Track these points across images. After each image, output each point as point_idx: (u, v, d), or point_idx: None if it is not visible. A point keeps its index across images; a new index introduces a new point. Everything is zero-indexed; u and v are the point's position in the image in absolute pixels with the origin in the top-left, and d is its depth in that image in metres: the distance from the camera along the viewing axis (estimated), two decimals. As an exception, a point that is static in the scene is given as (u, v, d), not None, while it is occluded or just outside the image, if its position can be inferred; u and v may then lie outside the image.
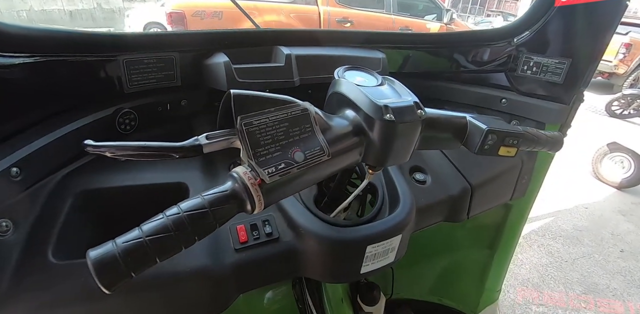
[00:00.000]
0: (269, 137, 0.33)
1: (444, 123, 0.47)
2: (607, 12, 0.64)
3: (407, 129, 0.40)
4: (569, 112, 0.72)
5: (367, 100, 0.39)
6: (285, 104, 0.35)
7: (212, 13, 3.51)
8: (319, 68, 0.65)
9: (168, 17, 3.45)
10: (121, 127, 0.58)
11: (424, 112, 0.40)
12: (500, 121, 0.49)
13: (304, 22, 3.79)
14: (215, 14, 3.53)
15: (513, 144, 0.45)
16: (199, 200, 0.32)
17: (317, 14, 3.85)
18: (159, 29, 6.08)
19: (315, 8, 3.86)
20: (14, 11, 7.87)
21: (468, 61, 0.82)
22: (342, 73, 0.46)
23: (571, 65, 0.69)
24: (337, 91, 0.43)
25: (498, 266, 1.05)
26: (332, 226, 0.51)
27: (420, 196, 0.63)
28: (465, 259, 1.05)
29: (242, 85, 0.59)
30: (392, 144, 0.40)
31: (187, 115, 0.66)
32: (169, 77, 0.61)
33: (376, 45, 0.76)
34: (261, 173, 0.32)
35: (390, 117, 0.38)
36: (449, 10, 4.57)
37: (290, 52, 0.62)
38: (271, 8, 3.75)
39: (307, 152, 0.35)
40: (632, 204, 2.68)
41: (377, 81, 0.46)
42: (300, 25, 3.78)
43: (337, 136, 0.38)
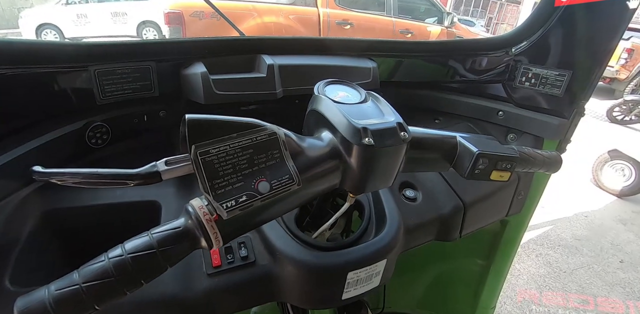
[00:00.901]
0: (229, 166, 0.30)
1: (431, 144, 0.43)
2: (610, 22, 0.60)
3: (388, 153, 0.36)
4: (569, 126, 0.69)
5: (345, 121, 0.35)
6: (250, 128, 0.31)
7: (210, 14, 3.47)
8: (305, 79, 0.61)
9: (165, 17, 3.41)
10: (92, 141, 0.55)
11: (408, 135, 0.37)
12: (494, 142, 0.45)
13: (303, 24, 3.76)
14: (214, 15, 3.50)
15: (506, 168, 0.42)
16: (146, 239, 0.28)
17: (316, 15, 3.82)
18: (53, 31, 5.89)
19: (315, 10, 3.82)
20: None
21: (464, 71, 0.79)
22: (322, 88, 0.42)
23: (572, 77, 0.65)
24: (315, 109, 0.40)
25: (493, 280, 1.01)
26: (313, 248, 0.48)
27: (410, 215, 0.59)
28: (458, 272, 1.01)
29: (221, 97, 0.55)
30: (371, 170, 0.37)
31: (166, 126, 0.62)
32: (145, 87, 0.58)
33: (368, 53, 0.72)
34: (218, 208, 0.28)
35: (369, 141, 0.34)
36: (449, 13, 4.54)
37: (273, 62, 0.58)
38: (270, 9, 3.71)
39: (273, 182, 0.31)
40: (632, 212, 2.64)
41: (360, 97, 0.42)
42: (299, 27, 3.75)
43: (310, 161, 0.34)
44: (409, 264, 0.81)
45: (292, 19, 3.76)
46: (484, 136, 0.46)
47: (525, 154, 0.47)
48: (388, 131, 0.36)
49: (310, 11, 3.80)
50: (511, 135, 0.75)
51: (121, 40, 0.55)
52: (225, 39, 0.59)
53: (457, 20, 4.69)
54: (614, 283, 1.87)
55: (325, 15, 3.83)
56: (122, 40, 0.55)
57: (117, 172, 0.33)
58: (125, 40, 0.55)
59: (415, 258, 0.90)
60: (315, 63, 0.63)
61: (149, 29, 5.31)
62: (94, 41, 0.52)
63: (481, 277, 1.01)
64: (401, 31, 4.24)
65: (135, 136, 0.60)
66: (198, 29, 3.49)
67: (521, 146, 0.74)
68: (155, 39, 0.68)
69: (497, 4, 13.27)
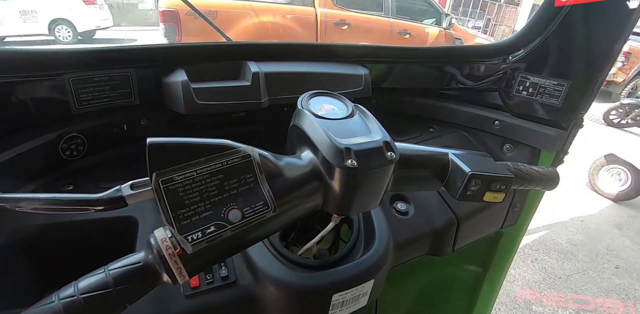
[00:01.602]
0: (196, 194, 0.27)
1: (421, 162, 0.41)
2: (612, 29, 0.58)
3: (373, 175, 0.34)
4: (567, 138, 0.66)
5: (327, 140, 0.33)
6: (221, 151, 0.29)
7: (206, 12, 3.43)
8: (292, 87, 0.59)
9: (161, 16, 3.37)
10: (66, 153, 0.52)
11: (395, 155, 0.34)
12: (488, 160, 0.42)
13: (300, 24, 3.72)
14: (210, 13, 3.45)
15: (500, 189, 0.39)
16: (102, 276, 0.25)
17: (314, 15, 3.78)
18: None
19: (312, 9, 3.79)
20: None
21: (459, 78, 0.76)
22: (306, 101, 0.39)
23: (570, 87, 0.63)
24: (297, 125, 0.37)
25: (489, 288, 0.99)
26: (296, 267, 0.45)
27: (401, 229, 0.57)
28: (453, 281, 0.99)
29: (202, 107, 0.52)
30: (355, 192, 0.34)
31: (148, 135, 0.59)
32: (125, 95, 0.55)
33: (360, 59, 0.69)
34: (182, 241, 0.26)
35: (352, 164, 0.31)
36: (448, 14, 4.51)
37: (258, 70, 0.55)
38: (267, 8, 3.67)
39: (246, 209, 0.28)
40: (628, 217, 2.63)
41: (346, 111, 0.40)
42: (296, 27, 3.71)
43: (288, 183, 0.32)
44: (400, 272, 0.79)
45: (289, 19, 3.72)
46: (477, 153, 0.44)
47: (521, 171, 0.45)
48: (373, 152, 0.33)
49: (308, 11, 3.77)
50: (507, 145, 0.73)
51: (98, 47, 0.52)
52: (209, 45, 0.57)
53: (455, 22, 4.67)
54: (609, 289, 1.86)
55: (323, 15, 3.80)
56: (99, 46, 0.52)
57: (78, 198, 0.30)
58: (102, 47, 0.52)
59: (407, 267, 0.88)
60: (304, 70, 0.60)
61: (61, 27, 5.13)
62: (68, 48, 0.49)
63: (476, 286, 0.99)
64: (399, 32, 4.21)
65: (115, 146, 0.57)
66: (194, 28, 3.45)
67: (517, 157, 0.73)
68: (135, 45, 0.64)
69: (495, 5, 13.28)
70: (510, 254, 0.91)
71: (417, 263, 0.90)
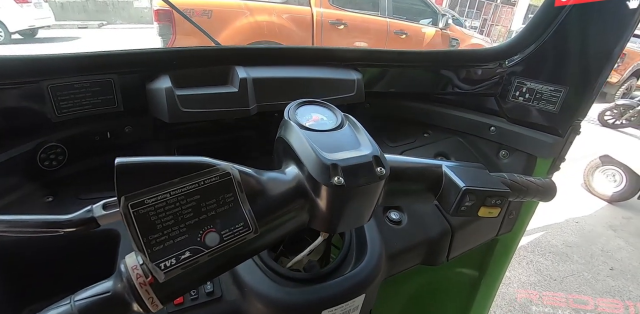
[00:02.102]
0: (169, 217, 0.25)
1: (414, 175, 0.39)
2: (611, 33, 0.56)
3: (362, 192, 0.32)
4: (564, 145, 0.65)
5: (313, 155, 0.31)
6: (197, 169, 0.27)
7: (201, 11, 3.39)
8: (282, 93, 0.57)
9: (155, 15, 3.32)
10: (45, 163, 0.49)
11: (385, 170, 0.32)
12: (483, 173, 0.41)
13: (296, 24, 3.69)
14: (205, 13, 3.42)
15: (496, 204, 0.38)
16: (67, 308, 0.23)
17: (310, 15, 3.76)
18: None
19: (308, 9, 3.76)
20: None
21: (455, 82, 0.75)
22: (293, 111, 0.38)
23: (568, 93, 0.61)
24: (282, 137, 0.35)
25: (485, 292, 0.98)
26: (285, 281, 0.44)
27: (394, 239, 0.56)
28: (448, 284, 0.98)
29: (187, 115, 0.50)
30: (343, 210, 0.32)
31: (133, 143, 0.57)
32: (107, 101, 0.53)
33: (353, 63, 0.67)
34: (154, 269, 0.24)
35: (339, 181, 0.30)
36: (444, 15, 4.51)
37: (246, 75, 0.53)
38: (263, 8, 3.64)
39: (224, 232, 0.27)
40: (623, 218, 2.64)
41: (335, 121, 0.38)
42: (292, 26, 3.68)
43: (271, 202, 0.30)
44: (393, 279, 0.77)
45: (285, 18, 3.69)
46: (472, 165, 0.42)
47: (517, 183, 0.44)
48: (362, 167, 0.31)
49: (304, 10, 3.74)
50: (503, 152, 0.72)
51: (78, 52, 0.49)
52: (195, 49, 0.54)
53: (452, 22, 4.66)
54: (603, 291, 1.86)
55: (319, 14, 3.77)
56: (78, 52, 0.49)
57: (45, 220, 0.28)
58: (82, 52, 0.49)
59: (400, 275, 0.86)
60: (295, 75, 0.58)
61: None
62: (46, 54, 0.47)
63: (471, 291, 0.97)
64: (395, 32, 4.20)
65: (98, 154, 0.55)
66: (189, 28, 3.40)
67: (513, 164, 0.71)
68: (117, 50, 0.62)
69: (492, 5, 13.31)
70: (505, 261, 0.90)
71: (411, 270, 0.88)
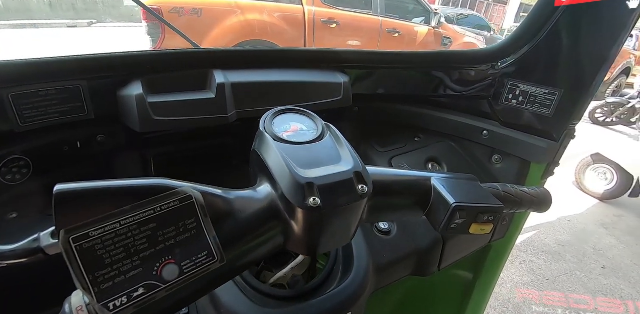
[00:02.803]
0: (120, 250, 0.22)
1: (400, 189, 0.36)
2: (607, 34, 0.54)
3: (342, 212, 0.29)
4: (558, 149, 0.63)
5: (287, 172, 0.28)
6: (154, 193, 0.24)
7: (190, 10, 3.33)
8: (263, 98, 0.54)
9: (143, 13, 3.25)
10: (7, 177, 0.46)
11: (367, 188, 0.30)
12: (474, 185, 0.38)
13: (288, 22, 3.65)
14: (194, 12, 3.35)
15: (488, 220, 0.35)
16: None
17: (302, 13, 3.72)
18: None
19: (300, 8, 3.72)
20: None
21: (446, 85, 0.72)
22: (269, 121, 0.35)
23: (562, 96, 0.59)
24: (256, 150, 0.32)
25: (480, 294, 0.96)
26: (267, 299, 0.41)
27: (383, 251, 0.53)
28: (442, 285, 0.95)
29: (160, 124, 0.47)
30: (320, 233, 0.30)
31: (105, 152, 0.54)
32: (76, 109, 0.49)
33: (340, 65, 0.64)
34: (101, 311, 0.21)
35: (315, 202, 0.27)
36: (437, 13, 4.50)
37: (224, 80, 0.50)
38: (254, 6, 3.58)
39: (185, 263, 0.24)
40: (614, 216, 2.66)
41: (315, 132, 0.35)
42: (284, 25, 3.64)
43: (240, 226, 0.27)
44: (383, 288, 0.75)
45: (276, 17, 3.64)
46: (463, 176, 0.40)
47: (511, 195, 0.41)
48: (341, 186, 0.28)
49: (296, 9, 3.70)
50: (496, 156, 0.70)
51: (42, 58, 0.46)
52: (171, 52, 0.51)
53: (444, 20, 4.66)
54: (596, 290, 1.87)
55: (311, 13, 3.73)
56: (42, 57, 0.45)
57: None
58: (47, 58, 0.46)
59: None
60: (277, 79, 0.55)
61: None
62: (6, 60, 0.43)
63: (465, 294, 0.96)
64: (388, 30, 4.17)
65: (67, 166, 0.51)
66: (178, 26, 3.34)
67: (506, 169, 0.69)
68: (86, 55, 0.58)
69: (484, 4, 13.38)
70: (499, 266, 0.88)
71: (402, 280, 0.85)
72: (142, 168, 0.52)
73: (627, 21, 0.51)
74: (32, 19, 7.84)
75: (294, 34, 3.71)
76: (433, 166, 0.68)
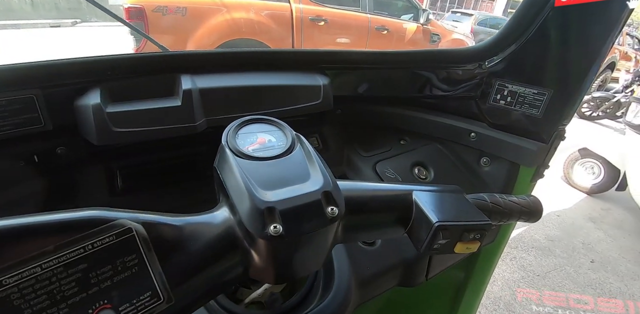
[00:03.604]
0: (42, 298, 0.19)
1: (378, 206, 0.33)
2: (598, 32, 0.51)
3: (309, 239, 0.26)
4: (548, 151, 0.61)
5: (245, 195, 0.25)
6: (84, 229, 0.20)
7: (174, 9, 3.25)
8: (237, 104, 0.50)
9: (125, 13, 3.16)
10: None
11: (338, 209, 0.27)
12: (459, 199, 0.36)
13: (275, 20, 3.59)
14: (179, 10, 3.27)
15: (475, 238, 0.33)
16: None
17: (289, 11, 3.66)
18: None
19: (287, 5, 3.66)
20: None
21: (431, 85, 0.70)
22: (233, 133, 0.31)
23: (552, 96, 0.57)
24: (216, 167, 0.29)
25: (472, 293, 0.94)
26: None
27: (367, 263, 0.50)
28: (433, 284, 0.93)
29: (120, 136, 0.43)
30: (285, 263, 0.27)
31: (67, 165, 0.49)
32: (32, 120, 0.45)
33: (320, 66, 0.61)
34: None
35: (277, 231, 0.24)
36: (425, 10, 4.49)
37: (191, 86, 0.46)
38: (240, 4, 3.51)
39: (124, 308, 0.20)
40: (602, 210, 2.70)
41: (285, 144, 0.32)
42: (271, 23, 3.58)
43: (192, 259, 0.24)
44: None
45: (263, 15, 3.58)
46: (448, 188, 0.37)
47: (499, 206, 0.39)
48: (308, 209, 0.25)
49: (283, 7, 3.64)
50: (484, 159, 0.67)
51: None
52: (135, 56, 0.47)
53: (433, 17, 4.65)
54: (585, 285, 1.89)
55: (298, 10, 3.68)
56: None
57: None
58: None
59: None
60: (251, 83, 0.51)
61: None
62: None
63: (457, 295, 0.94)
64: (377, 28, 4.15)
65: (24, 182, 0.47)
66: (164, 25, 3.27)
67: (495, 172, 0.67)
68: (40, 61, 0.52)
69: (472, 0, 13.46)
70: (490, 268, 0.86)
71: None
72: (107, 182, 0.48)
73: (618, 18, 0.49)
74: (13, 19, 7.59)
75: (282, 32, 3.66)
76: (419, 171, 0.66)
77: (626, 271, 2.03)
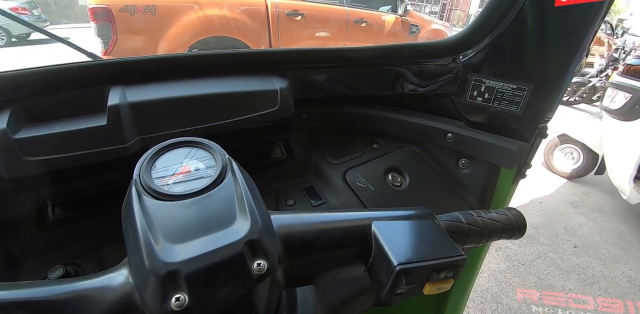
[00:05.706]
0: None
1: (329, 243, 0.28)
2: (580, 21, 0.48)
3: (230, 307, 0.22)
4: (529, 151, 0.58)
5: (143, 254, 0.20)
6: None
7: (143, 8, 3.10)
8: (178, 118, 0.44)
9: (90, 14, 2.99)
10: None
11: (268, 264, 0.22)
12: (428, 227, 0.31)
13: (250, 16, 3.48)
14: (148, 9, 3.12)
15: (447, 277, 0.28)
16: None
17: (264, 6, 3.55)
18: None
19: (262, 0, 3.55)
20: None
21: (403, 82, 0.65)
22: (149, 162, 0.26)
23: (533, 91, 0.54)
24: (122, 211, 0.24)
25: (458, 293, 0.92)
26: None
27: (335, 288, 0.46)
28: (411, 310, 0.91)
29: (33, 167, 0.36)
30: None
31: None
32: None
33: (279, 67, 0.55)
34: None
35: (180, 304, 0.19)
36: (403, 1, 4.45)
37: (119, 101, 0.40)
38: (212, 1, 3.39)
39: None
40: (582, 194, 2.76)
41: (215, 172, 0.26)
42: (245, 19, 3.47)
43: None
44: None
45: (237, 12, 3.47)
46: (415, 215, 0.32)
47: (477, 227, 0.35)
48: (224, 268, 0.20)
49: (258, 2, 3.53)
50: (463, 161, 0.64)
51: None
52: (56, 68, 0.40)
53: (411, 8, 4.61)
54: (569, 271, 1.92)
55: (274, 5, 3.58)
56: None
57: None
58: None
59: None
60: (195, 93, 0.45)
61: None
62: None
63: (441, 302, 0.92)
64: (355, 21, 4.09)
65: None
66: (133, 26, 3.12)
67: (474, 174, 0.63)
68: None
69: (449, -11, 13.48)
70: (474, 271, 0.84)
71: None
72: (36, 214, 0.42)
73: (601, 6, 0.46)
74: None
75: (258, 28, 3.56)
76: (393, 177, 0.62)
77: (607, 254, 2.08)
